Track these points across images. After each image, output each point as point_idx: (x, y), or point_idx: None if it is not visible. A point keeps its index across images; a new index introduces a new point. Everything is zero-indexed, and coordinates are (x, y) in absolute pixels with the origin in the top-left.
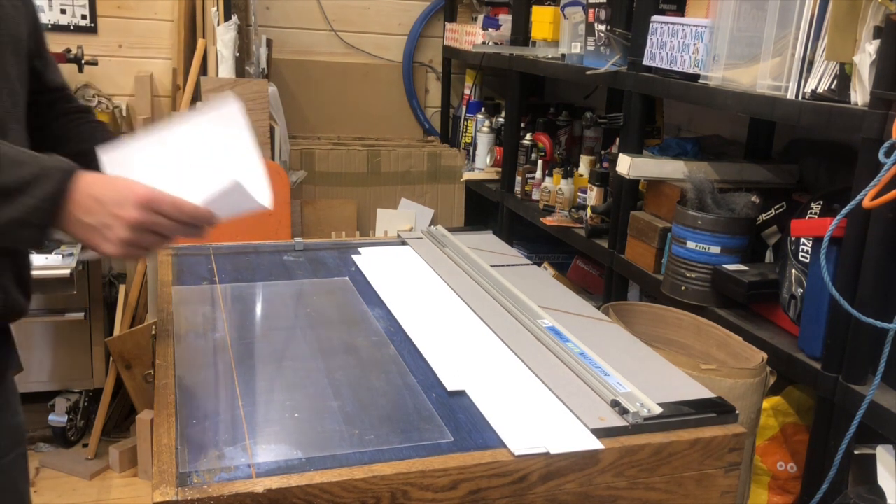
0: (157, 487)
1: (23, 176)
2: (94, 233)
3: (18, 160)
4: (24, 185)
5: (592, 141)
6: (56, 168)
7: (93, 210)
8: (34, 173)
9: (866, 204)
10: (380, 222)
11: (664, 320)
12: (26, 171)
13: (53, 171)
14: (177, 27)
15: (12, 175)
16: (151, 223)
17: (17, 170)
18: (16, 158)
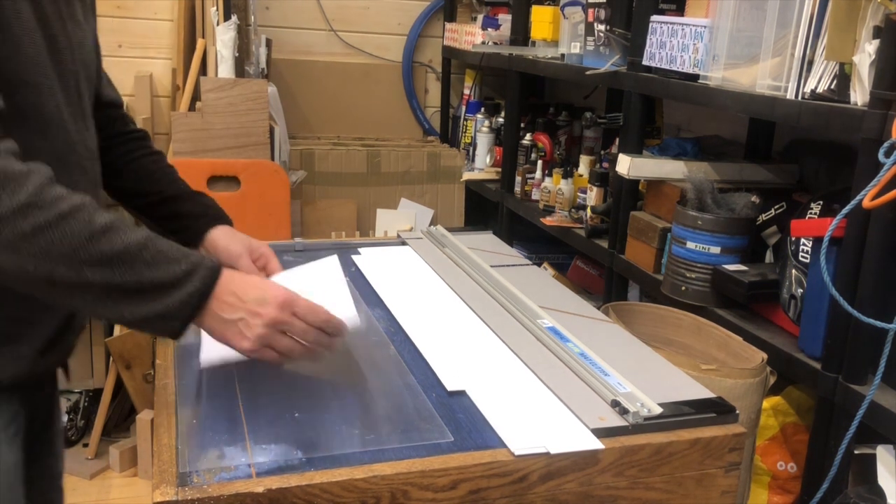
0: (157, 487)
1: (176, 273)
2: (232, 328)
3: (174, 257)
4: (176, 282)
5: (592, 141)
6: (204, 266)
7: (234, 306)
8: (186, 270)
9: (866, 204)
10: (380, 222)
11: (664, 320)
12: (179, 267)
13: (202, 269)
14: (176, 27)
15: (168, 272)
16: (289, 324)
17: (173, 266)
18: (171, 255)
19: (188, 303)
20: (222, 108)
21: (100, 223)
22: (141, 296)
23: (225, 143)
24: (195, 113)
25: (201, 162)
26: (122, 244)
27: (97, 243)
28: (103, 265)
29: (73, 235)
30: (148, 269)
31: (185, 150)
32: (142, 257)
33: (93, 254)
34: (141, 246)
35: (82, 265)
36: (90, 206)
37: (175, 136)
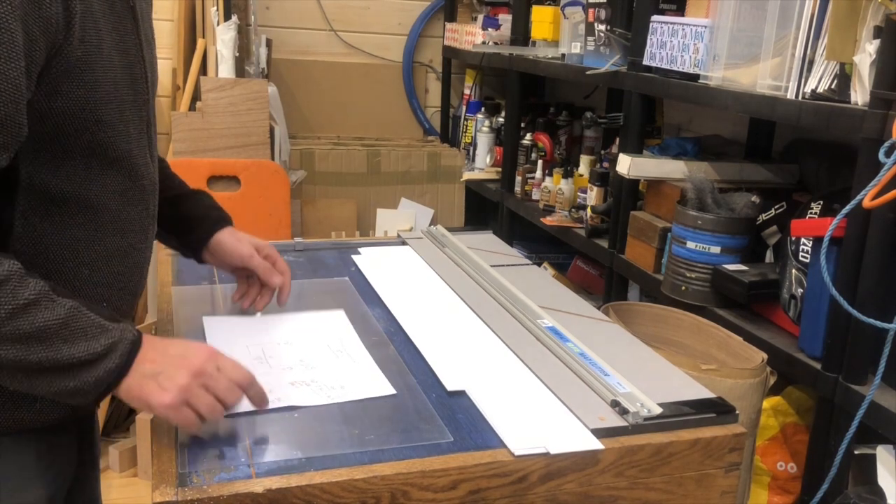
0: (156, 487)
1: (94, 350)
2: (151, 383)
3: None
4: (93, 360)
5: (592, 141)
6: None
7: (154, 362)
8: (106, 346)
9: (866, 204)
10: (380, 222)
11: (664, 320)
12: (98, 344)
13: (122, 344)
14: (176, 27)
15: (86, 349)
16: (213, 377)
17: (91, 343)
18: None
19: (104, 380)
20: (222, 108)
21: (23, 299)
22: (54, 373)
23: (225, 142)
24: (195, 113)
25: (201, 162)
26: (41, 322)
27: (15, 321)
28: (17, 342)
29: None
30: (65, 346)
31: (185, 149)
32: (60, 335)
33: (9, 332)
34: (61, 324)
35: None
36: (16, 278)
37: (175, 136)
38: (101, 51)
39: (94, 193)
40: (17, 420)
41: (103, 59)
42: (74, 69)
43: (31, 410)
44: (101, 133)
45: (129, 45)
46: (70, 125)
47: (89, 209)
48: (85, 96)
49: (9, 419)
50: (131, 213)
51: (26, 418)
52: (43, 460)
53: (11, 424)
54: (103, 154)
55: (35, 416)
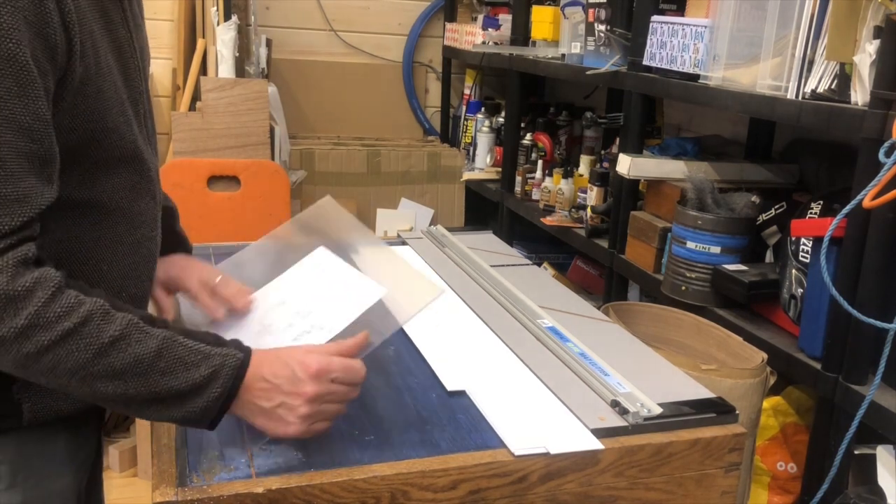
0: (156, 487)
1: (195, 380)
2: (273, 416)
3: (192, 362)
4: (195, 388)
5: (592, 141)
6: (228, 367)
7: (268, 391)
8: (206, 375)
9: (866, 204)
10: (380, 222)
11: (664, 320)
12: (199, 373)
13: (226, 370)
14: (176, 27)
15: (186, 379)
16: (330, 393)
17: (191, 373)
18: (188, 360)
19: (212, 407)
20: (222, 108)
21: (108, 336)
22: (160, 404)
23: (225, 142)
24: (195, 113)
25: (201, 162)
26: (132, 357)
27: (105, 358)
28: (115, 378)
29: (79, 352)
30: (164, 378)
31: (185, 150)
32: (156, 367)
33: (102, 369)
34: (155, 355)
35: (93, 379)
36: (99, 315)
37: (175, 136)
38: (98, 58)
39: (106, 194)
40: (55, 410)
41: (102, 67)
42: (79, 85)
43: (67, 400)
44: (107, 139)
45: (122, 41)
46: (79, 138)
47: (100, 209)
48: (92, 107)
49: (48, 409)
50: (140, 205)
51: (63, 407)
52: (71, 449)
53: (49, 414)
54: (110, 156)
55: (70, 405)
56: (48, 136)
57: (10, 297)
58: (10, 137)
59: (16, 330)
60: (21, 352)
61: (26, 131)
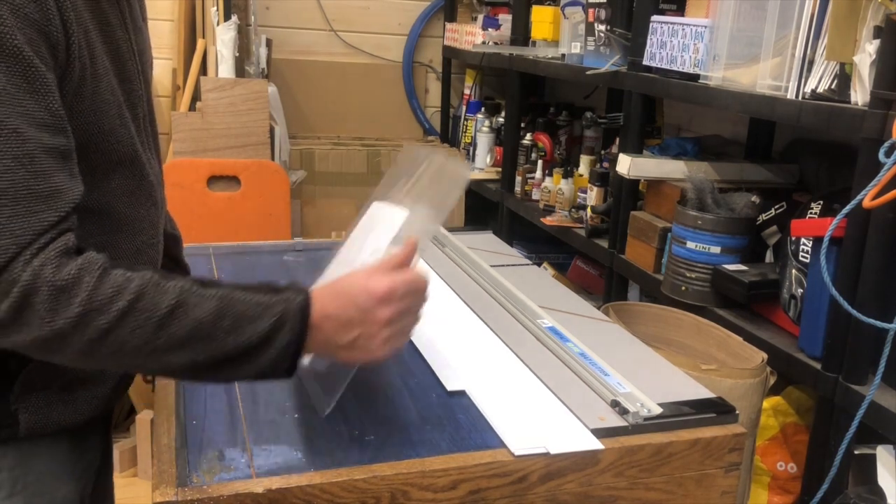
0: (156, 487)
1: (261, 332)
2: (352, 349)
3: (255, 315)
4: (264, 341)
5: (592, 141)
6: (291, 312)
7: (341, 330)
8: (272, 326)
9: (866, 204)
10: None
11: (664, 320)
12: (264, 325)
13: (290, 316)
14: (176, 27)
15: (253, 333)
16: (401, 310)
17: (256, 326)
18: (250, 314)
19: (284, 355)
20: (222, 108)
21: (165, 307)
22: (230, 364)
23: (225, 143)
24: (195, 113)
25: (201, 162)
26: (193, 322)
27: (167, 329)
28: (181, 348)
29: (140, 328)
30: (229, 337)
31: (185, 150)
32: (219, 328)
33: (166, 341)
34: (215, 316)
35: (160, 353)
36: (152, 287)
37: (175, 136)
38: (94, 60)
39: (104, 200)
40: (54, 421)
41: (98, 68)
42: (76, 86)
43: (66, 412)
44: (104, 142)
45: (120, 43)
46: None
47: (98, 216)
48: (87, 109)
49: (46, 420)
50: (140, 212)
51: (63, 419)
52: (73, 456)
53: (48, 425)
54: (107, 160)
55: (71, 417)
56: (65, 130)
57: (59, 289)
58: (32, 133)
59: (73, 319)
60: (83, 340)
61: (46, 127)
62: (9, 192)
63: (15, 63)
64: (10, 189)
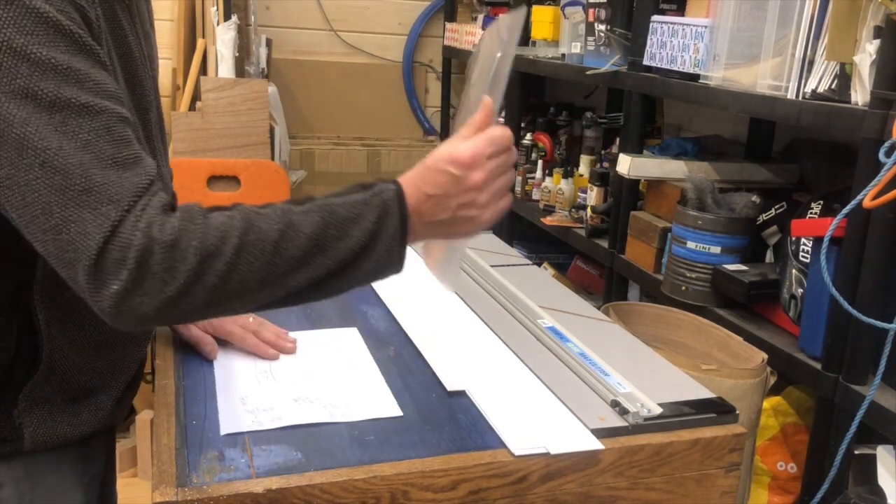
0: (156, 487)
1: (368, 228)
2: (457, 223)
3: (357, 214)
4: (373, 235)
5: (592, 141)
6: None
7: (441, 205)
8: (376, 219)
9: (866, 204)
10: None
11: (664, 320)
12: (368, 221)
13: (388, 203)
14: (176, 27)
15: (362, 232)
16: (493, 170)
17: (362, 224)
18: (354, 215)
19: (395, 245)
20: (222, 108)
21: (275, 231)
22: (350, 267)
23: (225, 142)
24: (195, 113)
25: (201, 162)
26: (305, 238)
27: (283, 253)
28: (300, 266)
29: (258, 260)
30: (341, 242)
31: (185, 149)
32: (329, 236)
33: (285, 263)
34: (323, 226)
35: (283, 279)
36: (255, 217)
37: (175, 136)
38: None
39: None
40: (58, 435)
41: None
42: None
43: (71, 425)
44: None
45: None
46: None
47: None
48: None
49: (50, 433)
50: None
51: (67, 432)
52: (79, 468)
53: (53, 439)
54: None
55: (75, 430)
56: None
57: (170, 244)
58: (105, 104)
59: (192, 270)
60: (207, 287)
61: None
62: (95, 164)
63: (74, 43)
64: (96, 161)
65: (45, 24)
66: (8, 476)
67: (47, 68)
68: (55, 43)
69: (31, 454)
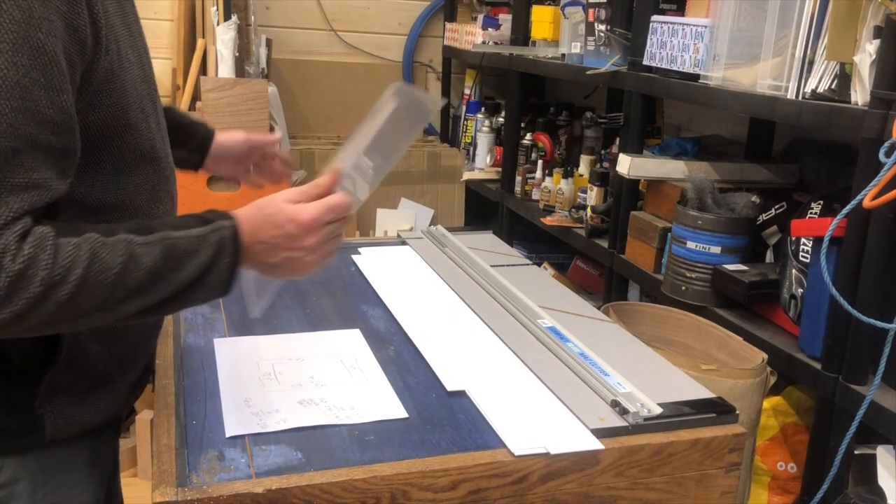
0: (156, 487)
1: (204, 263)
2: (280, 269)
3: (194, 249)
4: (207, 269)
5: (592, 141)
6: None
7: (271, 252)
8: (212, 255)
9: (866, 204)
10: (380, 222)
11: (664, 320)
12: (204, 256)
13: (225, 244)
14: (176, 27)
15: (195, 266)
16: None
17: (198, 258)
18: (192, 249)
19: (226, 278)
20: (222, 108)
21: (118, 263)
22: (181, 296)
23: None
24: (195, 113)
25: None
26: (145, 271)
27: (123, 283)
28: (137, 295)
29: (98, 290)
30: (177, 274)
31: None
32: (167, 268)
33: (122, 293)
34: (162, 259)
35: (117, 304)
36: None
37: None
38: (121, 54)
39: (128, 197)
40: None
41: (123, 62)
42: (103, 80)
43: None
44: (129, 136)
45: (138, 36)
46: (101, 135)
47: (123, 212)
48: (115, 103)
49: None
50: (160, 208)
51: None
52: (91, 462)
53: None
54: (131, 155)
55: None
56: (70, 130)
57: (17, 274)
58: (31, 129)
59: (35, 297)
60: (42, 313)
61: (48, 124)
62: None
63: (37, 56)
64: None
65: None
66: (23, 471)
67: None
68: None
69: (46, 448)
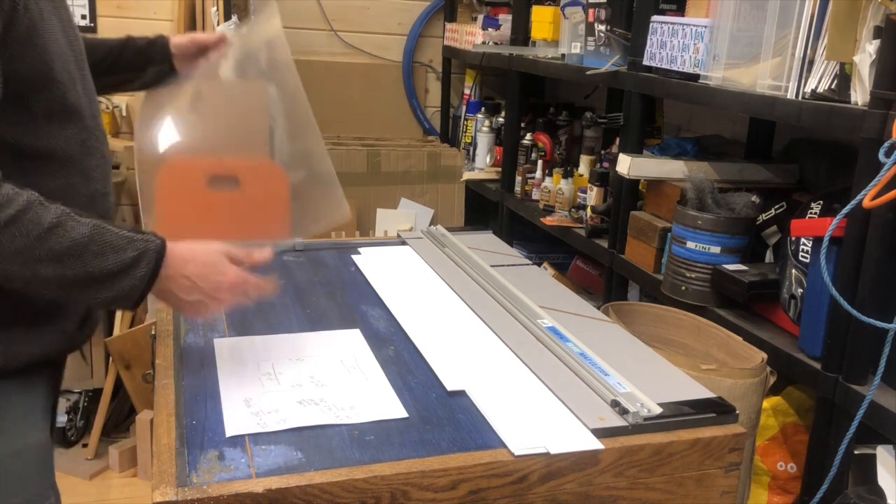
0: (156, 487)
1: (123, 261)
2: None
3: (120, 245)
4: (124, 268)
5: (592, 141)
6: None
7: (189, 290)
8: (133, 257)
9: (866, 204)
10: (380, 222)
11: (664, 320)
12: (126, 255)
13: (149, 254)
14: (176, 27)
15: (116, 260)
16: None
17: (119, 255)
18: (117, 244)
19: (138, 286)
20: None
21: (48, 222)
22: (93, 284)
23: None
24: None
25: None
26: (69, 240)
27: (46, 242)
28: (54, 261)
29: (22, 237)
30: (96, 260)
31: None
32: (90, 250)
33: (43, 251)
34: (88, 239)
35: (35, 263)
36: (37, 204)
37: None
38: (42, 17)
39: (60, 146)
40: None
41: (46, 24)
42: (26, 35)
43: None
44: (55, 89)
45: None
46: (30, 85)
47: (57, 160)
48: (39, 57)
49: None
50: (92, 161)
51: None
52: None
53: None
54: (61, 109)
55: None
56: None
57: None
58: None
59: None
60: None
61: None
62: None
63: None
64: None
65: None
66: None
67: None
68: None
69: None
